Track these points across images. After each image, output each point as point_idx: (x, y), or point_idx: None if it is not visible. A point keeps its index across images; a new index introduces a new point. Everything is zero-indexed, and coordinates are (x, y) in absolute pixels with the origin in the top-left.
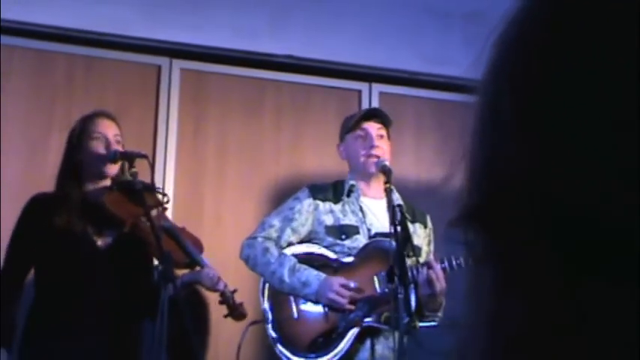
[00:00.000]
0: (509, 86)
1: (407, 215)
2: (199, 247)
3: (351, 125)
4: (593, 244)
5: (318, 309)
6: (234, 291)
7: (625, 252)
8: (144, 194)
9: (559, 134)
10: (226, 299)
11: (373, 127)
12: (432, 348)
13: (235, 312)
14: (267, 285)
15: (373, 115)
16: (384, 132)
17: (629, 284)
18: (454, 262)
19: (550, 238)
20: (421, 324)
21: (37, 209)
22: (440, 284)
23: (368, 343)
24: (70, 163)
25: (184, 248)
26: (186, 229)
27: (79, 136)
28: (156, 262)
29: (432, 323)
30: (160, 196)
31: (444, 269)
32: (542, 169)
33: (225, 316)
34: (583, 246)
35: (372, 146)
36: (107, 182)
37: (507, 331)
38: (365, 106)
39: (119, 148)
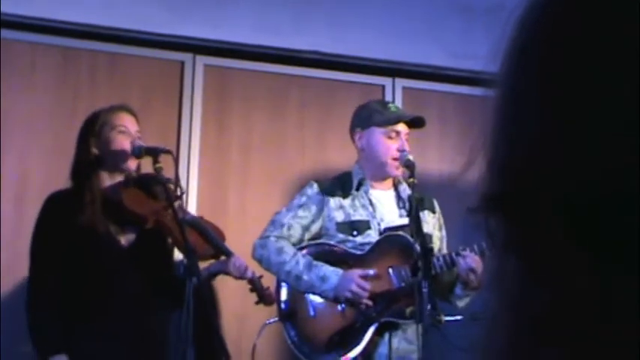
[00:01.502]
0: (530, 72)
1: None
2: (221, 235)
3: (384, 122)
4: (618, 229)
5: (335, 306)
6: (261, 276)
7: None
8: (160, 187)
9: (583, 119)
10: (255, 286)
11: (404, 130)
12: (457, 342)
13: (265, 298)
14: (282, 284)
15: (415, 123)
16: (408, 135)
17: None
18: (476, 249)
19: (574, 224)
20: (447, 318)
21: (55, 209)
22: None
23: (386, 337)
24: (88, 155)
25: (210, 239)
26: (204, 218)
27: (102, 128)
28: (180, 256)
29: (457, 317)
30: (175, 189)
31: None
32: (566, 154)
33: (257, 303)
34: (607, 231)
35: (403, 150)
36: (122, 176)
37: (532, 318)
38: (389, 99)
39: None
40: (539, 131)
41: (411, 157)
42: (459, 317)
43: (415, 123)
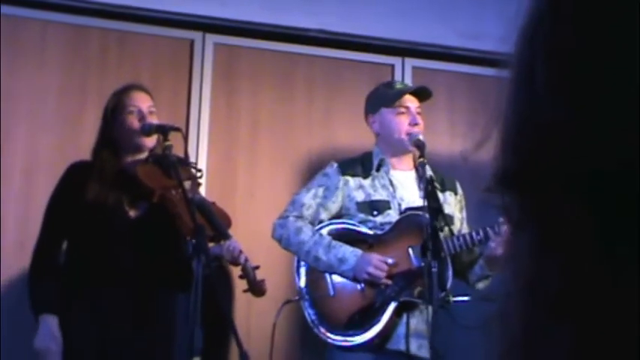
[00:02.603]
0: (542, 50)
1: (437, 185)
2: (228, 222)
3: (390, 99)
4: (629, 203)
5: (354, 285)
6: (257, 267)
7: None
8: (177, 168)
9: (594, 95)
10: (247, 273)
11: (414, 104)
12: (464, 322)
13: (255, 288)
14: (302, 263)
15: (419, 93)
16: (419, 108)
17: None
18: (490, 231)
19: (587, 199)
20: (455, 299)
21: (73, 177)
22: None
23: (404, 317)
24: (106, 138)
25: (212, 221)
26: (217, 205)
27: (113, 111)
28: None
29: (466, 298)
30: (193, 171)
31: (479, 240)
32: (578, 129)
33: (245, 291)
34: (619, 206)
35: (416, 124)
36: (144, 155)
37: (548, 294)
38: (398, 80)
39: (153, 119)
40: (551, 107)
41: (421, 137)
42: (466, 298)
43: (420, 94)
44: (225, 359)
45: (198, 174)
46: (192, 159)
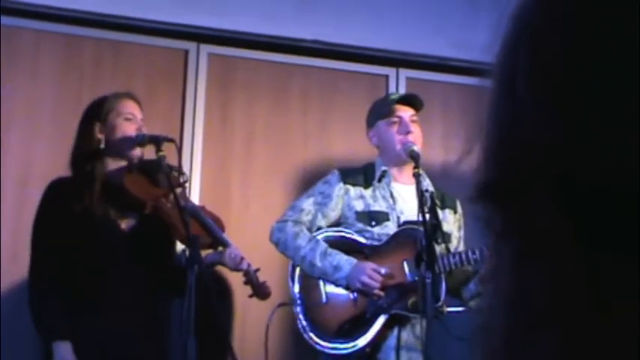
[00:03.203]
0: (524, 59)
1: (437, 201)
2: (221, 225)
3: (383, 111)
4: (610, 213)
5: (347, 294)
6: (257, 270)
7: None
8: (163, 174)
9: (575, 107)
10: (250, 279)
11: (407, 113)
12: (460, 334)
13: (260, 291)
14: (296, 269)
15: (407, 100)
16: (416, 117)
17: None
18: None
19: (569, 211)
20: (449, 309)
21: (56, 195)
22: None
23: (395, 330)
24: (92, 140)
25: (208, 229)
26: (206, 208)
27: (108, 114)
28: (181, 246)
29: (460, 309)
30: (179, 177)
31: (475, 259)
32: (560, 141)
33: (250, 296)
34: (601, 218)
35: (409, 132)
36: (125, 162)
37: (531, 304)
38: (392, 91)
39: (144, 131)
40: (532, 119)
41: (415, 148)
42: (460, 308)
43: (412, 102)
44: None
45: (183, 178)
46: (185, 170)
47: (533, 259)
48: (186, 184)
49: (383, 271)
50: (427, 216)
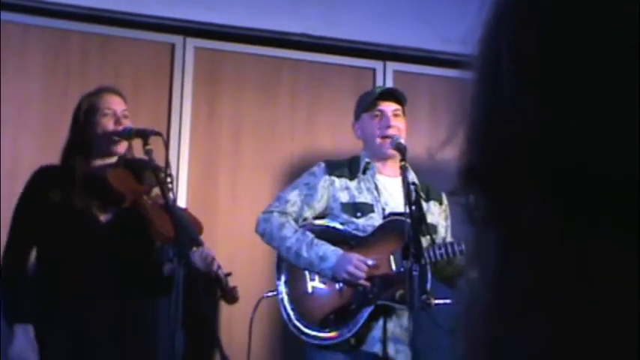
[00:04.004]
0: (506, 44)
1: (421, 194)
2: (199, 228)
3: (367, 105)
4: (595, 199)
5: (333, 285)
6: (228, 274)
7: (626, 208)
8: (148, 172)
9: (559, 91)
10: (219, 282)
11: (389, 107)
12: (447, 325)
13: (228, 295)
14: (282, 260)
15: (389, 95)
16: (399, 111)
17: (631, 240)
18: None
19: (552, 195)
20: (436, 301)
21: (40, 181)
22: None
23: (381, 321)
24: (77, 141)
25: (183, 227)
26: (188, 211)
27: (87, 112)
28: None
29: (448, 301)
30: (163, 176)
31: (460, 251)
32: (543, 126)
33: (219, 298)
34: (585, 202)
35: (388, 126)
36: (114, 159)
37: (513, 293)
38: (379, 84)
39: (128, 123)
40: (516, 104)
41: (402, 141)
42: (447, 300)
43: (391, 96)
44: None
45: (169, 179)
46: (173, 164)
47: (519, 246)
48: (171, 184)
49: (369, 261)
50: (413, 208)
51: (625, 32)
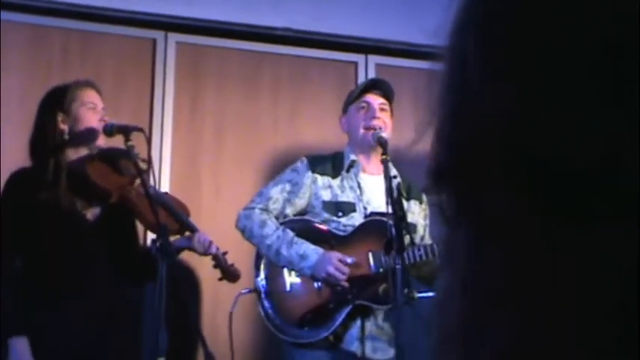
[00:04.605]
0: (474, 37)
1: (402, 192)
2: (186, 211)
3: (353, 97)
4: (566, 192)
5: (311, 284)
6: (226, 253)
7: (597, 200)
8: (127, 162)
9: (526, 82)
10: (219, 262)
11: (376, 100)
12: (429, 319)
13: (229, 274)
14: (261, 257)
15: (375, 85)
16: (386, 106)
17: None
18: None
19: (523, 189)
20: (419, 295)
21: (17, 188)
22: None
23: (358, 321)
24: (54, 130)
25: (174, 214)
26: (170, 194)
27: (71, 104)
28: (152, 235)
29: (431, 294)
30: (141, 163)
31: (439, 252)
32: (512, 119)
33: (220, 279)
34: (556, 195)
35: (374, 117)
36: (86, 151)
37: (487, 287)
38: (362, 78)
39: (107, 119)
40: (484, 97)
41: (383, 134)
42: (431, 294)
43: (378, 86)
44: (191, 359)
45: (144, 165)
46: (155, 159)
47: (490, 239)
48: (151, 171)
49: (349, 260)
50: (395, 203)
51: (591, 23)
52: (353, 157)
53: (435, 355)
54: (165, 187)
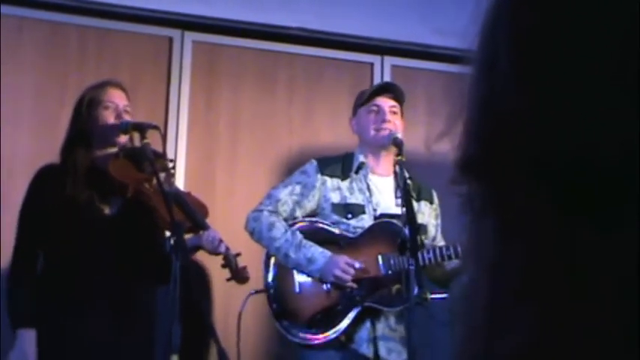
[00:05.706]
0: (506, 37)
1: (412, 194)
2: (204, 211)
3: (364, 99)
4: (588, 190)
5: (320, 285)
6: (238, 254)
7: (617, 199)
8: (153, 160)
9: (555, 82)
10: (228, 262)
11: (386, 103)
12: (444, 319)
13: (238, 275)
14: (271, 258)
15: (387, 89)
16: (397, 109)
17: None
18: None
19: (547, 185)
20: (432, 296)
21: (44, 181)
22: None
23: (368, 323)
24: (78, 132)
25: (188, 213)
26: (192, 195)
27: (89, 104)
28: (167, 233)
29: (443, 295)
30: (166, 162)
31: (449, 255)
32: (539, 116)
33: (228, 280)
34: (578, 193)
35: (384, 120)
36: (115, 149)
37: (508, 280)
38: (377, 79)
39: (127, 117)
40: (513, 95)
41: (399, 135)
42: (444, 295)
43: (389, 90)
44: (204, 356)
45: (171, 164)
46: (170, 157)
47: (513, 234)
48: (173, 170)
49: (357, 264)
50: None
51: (613, 30)
52: (362, 158)
53: (458, 346)
54: (180, 183)
